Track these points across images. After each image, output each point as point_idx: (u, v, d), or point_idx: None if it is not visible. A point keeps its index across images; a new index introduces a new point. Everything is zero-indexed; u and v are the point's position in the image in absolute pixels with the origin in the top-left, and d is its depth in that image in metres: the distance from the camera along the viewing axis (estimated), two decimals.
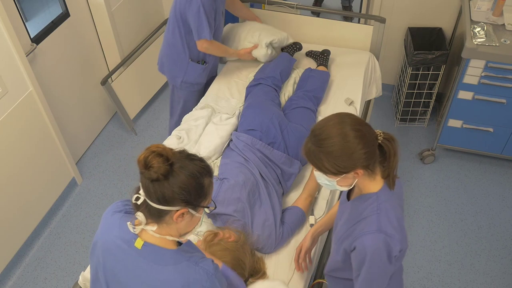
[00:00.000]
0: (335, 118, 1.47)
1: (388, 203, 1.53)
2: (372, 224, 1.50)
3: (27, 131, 2.83)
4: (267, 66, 2.86)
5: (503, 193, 3.27)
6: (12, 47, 2.57)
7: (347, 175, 1.48)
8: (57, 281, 2.89)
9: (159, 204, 1.27)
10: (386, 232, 1.48)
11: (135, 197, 1.30)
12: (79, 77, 3.40)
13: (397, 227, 1.51)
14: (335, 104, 2.79)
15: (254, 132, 2.35)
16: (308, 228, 2.17)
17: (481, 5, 2.98)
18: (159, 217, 1.30)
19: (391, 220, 1.50)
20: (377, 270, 1.53)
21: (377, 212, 1.51)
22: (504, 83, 2.88)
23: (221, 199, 2.05)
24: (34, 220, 3.05)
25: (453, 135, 3.26)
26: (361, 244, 1.50)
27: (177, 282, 1.31)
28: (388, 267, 1.53)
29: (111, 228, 1.40)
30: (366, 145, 1.44)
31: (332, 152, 1.43)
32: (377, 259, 1.50)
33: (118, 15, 3.46)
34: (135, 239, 1.34)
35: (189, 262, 1.33)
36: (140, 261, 1.34)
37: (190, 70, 2.87)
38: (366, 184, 1.54)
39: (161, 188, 1.25)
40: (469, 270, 2.88)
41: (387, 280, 1.58)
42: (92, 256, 1.47)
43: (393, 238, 1.49)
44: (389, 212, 1.52)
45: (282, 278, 2.01)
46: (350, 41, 3.12)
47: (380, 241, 1.48)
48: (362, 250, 1.50)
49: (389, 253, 1.49)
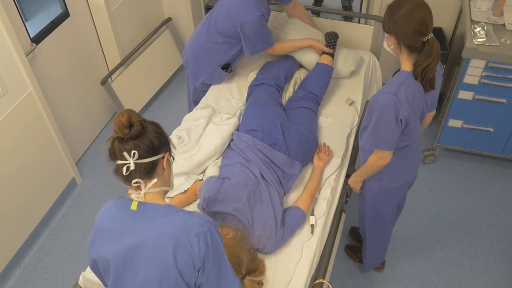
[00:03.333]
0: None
1: (411, 86, 1.85)
2: (390, 87, 1.86)
3: (27, 131, 2.83)
4: (271, 66, 2.85)
5: (503, 193, 3.27)
6: (12, 47, 2.56)
7: (389, 38, 1.88)
8: (57, 281, 2.88)
9: (151, 156, 1.39)
10: (398, 97, 1.83)
11: (124, 169, 1.37)
12: (79, 77, 3.40)
13: (409, 102, 1.84)
14: (336, 104, 2.79)
15: (256, 133, 2.35)
16: (308, 228, 2.17)
17: (481, 5, 2.98)
18: (152, 171, 1.41)
19: (407, 94, 1.84)
20: (384, 123, 1.87)
21: (400, 81, 1.86)
22: (505, 83, 2.88)
23: (221, 197, 2.05)
24: (34, 220, 3.05)
25: (453, 135, 3.26)
26: (375, 99, 1.88)
27: (175, 227, 1.37)
28: (394, 126, 1.87)
29: (107, 211, 1.48)
30: (416, 29, 1.78)
31: (391, 14, 1.83)
32: (385, 114, 1.85)
33: (118, 15, 3.45)
34: (130, 204, 1.42)
35: (183, 212, 1.42)
36: (138, 223, 1.40)
37: (214, 75, 2.87)
38: (403, 60, 1.89)
39: (146, 140, 1.38)
40: (469, 270, 2.88)
41: (391, 139, 1.91)
42: (93, 244, 1.49)
43: (402, 105, 1.83)
44: (408, 88, 1.85)
45: (282, 278, 2.01)
46: (350, 41, 3.11)
47: (391, 101, 1.83)
48: (375, 104, 1.88)
49: (396, 113, 1.84)
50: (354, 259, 2.91)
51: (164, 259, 1.36)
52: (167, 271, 1.37)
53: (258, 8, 2.49)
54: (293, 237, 2.14)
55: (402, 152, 2.10)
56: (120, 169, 1.38)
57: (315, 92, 2.68)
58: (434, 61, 1.83)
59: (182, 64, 3.11)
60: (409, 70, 1.88)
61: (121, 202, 1.45)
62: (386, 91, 1.86)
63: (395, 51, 1.91)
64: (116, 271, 1.43)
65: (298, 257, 2.08)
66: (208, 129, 2.51)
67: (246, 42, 2.61)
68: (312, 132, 2.48)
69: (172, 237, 1.36)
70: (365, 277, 2.86)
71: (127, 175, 1.38)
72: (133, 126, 1.36)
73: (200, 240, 1.37)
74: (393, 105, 1.82)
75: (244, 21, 2.51)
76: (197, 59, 2.82)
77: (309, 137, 2.44)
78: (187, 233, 1.37)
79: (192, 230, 1.37)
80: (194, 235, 1.37)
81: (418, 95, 1.89)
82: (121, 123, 1.36)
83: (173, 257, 1.36)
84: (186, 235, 1.37)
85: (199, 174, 2.37)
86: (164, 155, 1.44)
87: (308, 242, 2.13)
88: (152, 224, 1.39)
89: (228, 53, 2.76)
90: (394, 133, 1.90)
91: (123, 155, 1.37)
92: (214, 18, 2.67)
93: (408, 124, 1.91)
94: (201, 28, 2.77)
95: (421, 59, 1.83)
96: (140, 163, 1.38)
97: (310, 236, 2.15)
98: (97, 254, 1.47)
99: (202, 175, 2.37)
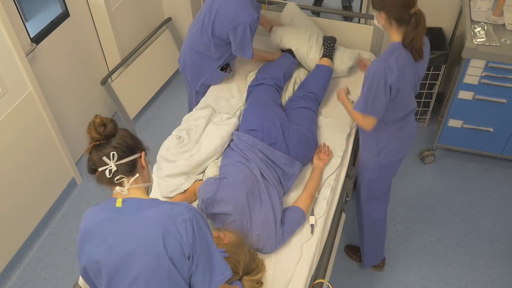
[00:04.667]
0: None
1: (402, 55, 2.01)
2: (382, 56, 2.03)
3: (27, 131, 2.83)
4: (270, 66, 2.85)
5: (503, 193, 3.27)
6: (12, 47, 2.56)
7: (380, 15, 2.03)
8: (57, 281, 2.88)
9: (129, 155, 1.47)
10: (389, 64, 1.98)
11: (107, 172, 1.44)
12: (79, 77, 3.40)
13: (399, 69, 1.99)
14: (336, 104, 2.78)
15: (255, 133, 2.34)
16: (308, 228, 2.17)
17: (481, 5, 2.98)
18: (133, 169, 1.49)
19: (397, 62, 2.00)
20: (374, 89, 2.01)
21: (390, 51, 2.02)
22: (505, 83, 2.88)
23: (219, 198, 2.05)
24: (34, 220, 3.05)
25: (453, 135, 3.26)
26: (369, 68, 2.04)
27: (161, 218, 1.41)
28: (382, 92, 2.01)
29: (92, 214, 1.49)
30: (403, 3, 1.95)
31: None
32: (376, 79, 1.99)
33: (118, 15, 3.45)
34: (115, 202, 1.46)
35: (168, 203, 1.46)
36: (124, 219, 1.43)
37: (213, 76, 2.86)
38: (393, 34, 2.05)
39: (120, 141, 1.47)
40: (469, 270, 2.88)
41: (379, 105, 2.04)
42: (82, 251, 1.49)
43: (392, 70, 1.98)
44: (399, 57, 2.01)
45: (282, 278, 2.01)
46: (350, 41, 3.11)
47: (382, 67, 1.98)
48: (368, 71, 2.03)
49: (386, 78, 1.99)
50: (354, 259, 2.92)
51: (155, 250, 1.38)
52: (158, 262, 1.38)
53: (253, 9, 2.49)
54: (293, 237, 2.14)
55: (399, 125, 2.24)
56: (102, 175, 1.46)
57: (315, 91, 2.68)
58: (422, 31, 2.00)
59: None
60: (398, 41, 2.05)
61: (105, 203, 1.49)
62: (378, 59, 2.04)
63: (386, 27, 2.06)
64: (108, 272, 1.43)
65: (298, 257, 2.08)
66: (208, 129, 2.51)
67: (236, 43, 2.60)
68: (312, 132, 2.48)
69: (160, 226, 1.39)
70: (365, 277, 2.86)
71: (110, 177, 1.45)
72: (106, 126, 1.46)
73: (187, 226, 1.40)
74: (383, 71, 1.98)
75: (239, 23, 2.50)
76: (195, 62, 2.81)
77: (309, 137, 2.44)
78: (174, 221, 1.40)
79: (178, 218, 1.41)
80: (181, 222, 1.40)
81: (408, 64, 2.05)
82: (96, 123, 1.45)
83: (163, 246, 1.37)
84: (173, 223, 1.39)
85: (199, 174, 2.37)
86: (140, 155, 1.52)
87: (308, 242, 2.13)
88: (138, 217, 1.42)
89: (224, 53, 2.75)
90: (382, 100, 2.04)
91: (103, 160, 1.44)
92: (207, 20, 2.62)
93: (399, 92, 2.05)
94: (195, 31, 2.73)
95: (409, 30, 1.99)
96: (121, 163, 1.46)
97: (310, 236, 2.15)
98: (87, 260, 1.47)
99: (202, 175, 2.37)
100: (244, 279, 1.85)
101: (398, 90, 2.05)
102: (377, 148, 2.30)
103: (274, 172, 2.24)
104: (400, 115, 2.20)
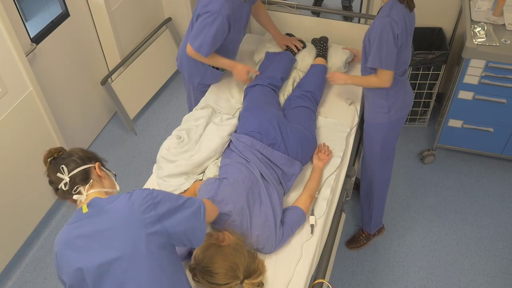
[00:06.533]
0: None
1: (400, 9, 2.16)
2: (382, 13, 2.17)
3: (27, 131, 2.83)
4: (266, 66, 2.85)
5: (503, 193, 3.27)
6: (11, 47, 2.56)
7: None
8: (57, 281, 2.88)
9: (83, 164, 1.60)
10: (392, 17, 2.13)
11: (63, 185, 1.57)
12: (79, 77, 3.40)
13: (401, 20, 2.15)
14: (336, 104, 2.79)
15: (254, 134, 2.34)
16: (308, 228, 2.17)
17: (481, 5, 2.98)
18: (88, 177, 1.60)
19: (399, 15, 2.14)
20: (384, 44, 2.15)
21: (389, 7, 2.16)
22: (505, 83, 2.88)
23: (219, 198, 2.04)
24: (34, 220, 3.05)
25: (453, 135, 3.26)
26: (372, 27, 2.19)
27: (124, 202, 1.51)
28: (393, 44, 2.16)
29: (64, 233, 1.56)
30: None
31: None
32: (385, 33, 2.14)
33: (118, 15, 3.45)
34: (81, 210, 1.54)
35: (125, 194, 1.56)
36: (93, 219, 1.51)
37: (209, 75, 2.86)
38: None
39: (70, 154, 1.62)
40: (469, 270, 2.88)
41: (393, 58, 2.19)
42: (61, 269, 1.53)
43: (396, 22, 2.13)
44: (399, 10, 2.15)
45: (282, 278, 2.01)
46: (350, 41, 3.11)
47: (387, 21, 2.13)
48: (373, 31, 2.18)
49: (393, 31, 2.14)
50: (357, 247, 2.96)
51: (130, 235, 1.46)
52: (135, 243, 1.46)
53: (229, 9, 2.42)
54: (293, 237, 2.14)
55: (403, 80, 2.40)
56: (62, 191, 1.58)
57: (312, 90, 2.68)
58: None
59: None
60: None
61: (73, 216, 1.57)
62: (379, 16, 2.17)
63: None
64: (92, 275, 1.46)
65: (298, 257, 2.08)
66: (208, 129, 2.50)
67: (194, 30, 2.50)
68: (311, 131, 2.48)
69: (126, 209, 1.49)
70: (365, 277, 2.87)
71: (68, 189, 1.56)
72: (59, 153, 1.64)
73: (147, 194, 1.52)
74: (389, 24, 2.13)
75: (208, 11, 2.41)
76: (189, 60, 2.82)
77: (308, 136, 2.44)
78: (137, 199, 1.51)
79: (138, 196, 1.52)
80: (142, 197, 1.52)
81: (405, 15, 2.20)
82: (51, 152, 1.63)
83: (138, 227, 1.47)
84: (136, 200, 1.51)
85: (199, 174, 2.37)
86: (94, 165, 1.63)
87: (308, 242, 2.13)
88: (105, 212, 1.51)
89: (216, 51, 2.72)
90: (393, 52, 2.19)
91: (58, 176, 1.57)
92: (195, 17, 2.58)
93: (402, 45, 2.20)
94: (188, 29, 2.75)
95: None
96: (74, 174, 1.58)
97: (310, 236, 2.15)
98: (68, 274, 1.50)
99: (202, 175, 2.37)
100: (245, 283, 1.84)
101: (403, 41, 2.19)
102: (387, 105, 2.42)
103: (273, 173, 2.24)
104: (403, 69, 2.34)
